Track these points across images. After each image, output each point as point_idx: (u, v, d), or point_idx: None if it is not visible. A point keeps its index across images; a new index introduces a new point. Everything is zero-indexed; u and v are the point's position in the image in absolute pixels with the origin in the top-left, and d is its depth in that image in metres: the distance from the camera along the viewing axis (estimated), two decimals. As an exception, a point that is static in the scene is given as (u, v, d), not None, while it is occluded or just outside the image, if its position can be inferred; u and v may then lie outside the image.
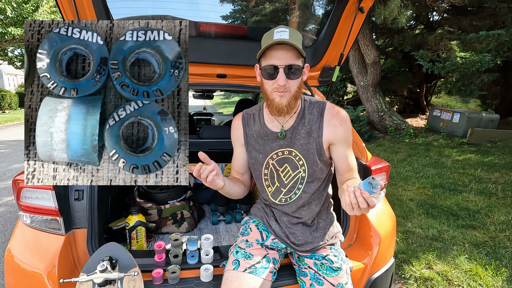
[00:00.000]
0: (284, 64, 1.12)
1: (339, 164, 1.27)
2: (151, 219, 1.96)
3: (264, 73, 1.16)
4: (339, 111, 1.26)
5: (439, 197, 3.88)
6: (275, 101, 1.18)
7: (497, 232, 2.94)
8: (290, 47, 1.11)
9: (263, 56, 1.17)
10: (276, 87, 1.15)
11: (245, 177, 1.43)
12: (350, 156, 1.27)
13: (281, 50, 1.11)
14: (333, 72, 2.07)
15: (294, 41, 1.09)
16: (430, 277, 2.25)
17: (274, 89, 1.16)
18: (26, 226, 1.41)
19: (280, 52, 1.11)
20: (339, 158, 1.26)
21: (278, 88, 1.15)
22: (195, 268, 1.41)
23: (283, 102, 1.17)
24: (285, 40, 1.07)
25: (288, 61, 1.12)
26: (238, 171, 1.42)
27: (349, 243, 1.65)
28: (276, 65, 1.12)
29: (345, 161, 1.26)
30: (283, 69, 1.12)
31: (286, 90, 1.15)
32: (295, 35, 1.12)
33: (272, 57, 1.13)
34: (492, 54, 6.06)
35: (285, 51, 1.11)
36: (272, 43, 1.09)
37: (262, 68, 1.18)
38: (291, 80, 1.14)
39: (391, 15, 5.74)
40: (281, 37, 1.09)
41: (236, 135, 1.40)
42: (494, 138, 6.79)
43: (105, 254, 1.27)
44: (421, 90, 10.66)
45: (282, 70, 1.12)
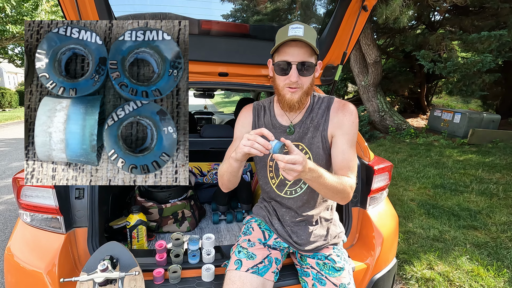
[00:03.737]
0: (297, 60, 1.12)
1: (333, 158, 1.22)
2: (152, 218, 1.96)
3: (277, 69, 1.16)
4: (346, 104, 1.25)
5: (440, 197, 3.87)
6: (286, 97, 1.18)
7: (499, 232, 2.93)
8: (304, 44, 1.11)
9: (276, 52, 1.17)
10: (288, 83, 1.15)
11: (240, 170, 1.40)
12: (348, 152, 1.20)
13: (295, 47, 1.11)
14: (336, 71, 2.06)
15: (308, 38, 1.09)
16: (431, 278, 2.25)
17: (286, 84, 1.16)
18: (26, 225, 1.40)
19: (294, 49, 1.11)
20: (335, 151, 1.21)
21: (290, 84, 1.15)
22: (196, 267, 1.40)
23: (294, 98, 1.17)
24: (299, 37, 1.07)
25: (302, 57, 1.11)
26: None
27: (352, 243, 1.65)
28: (289, 61, 1.12)
29: (340, 155, 1.19)
30: (296, 66, 1.12)
31: (298, 87, 1.15)
32: (310, 32, 1.11)
33: (285, 53, 1.13)
34: (493, 55, 6.04)
35: (299, 47, 1.11)
36: (286, 40, 1.09)
37: (275, 63, 1.17)
38: (304, 76, 1.14)
39: (393, 14, 5.74)
40: (296, 33, 1.09)
41: (243, 123, 1.37)
42: (495, 138, 6.78)
43: (105, 253, 1.27)
44: (422, 90, 10.64)
45: (295, 66, 1.12)
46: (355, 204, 1.65)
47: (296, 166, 0.90)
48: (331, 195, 1.12)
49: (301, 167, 0.91)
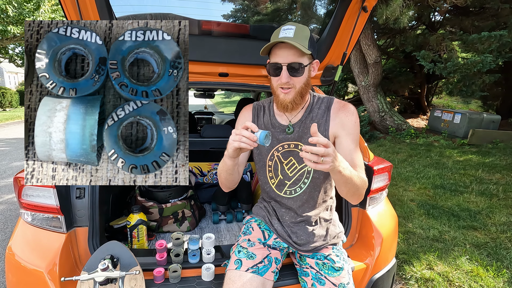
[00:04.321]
0: (286, 62, 1.13)
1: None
2: (152, 217, 1.96)
3: (270, 70, 1.19)
4: (346, 104, 1.26)
5: (440, 197, 3.87)
6: (280, 97, 1.20)
7: (498, 233, 2.93)
8: (293, 45, 1.11)
9: (270, 53, 1.19)
10: (280, 84, 1.17)
11: (240, 168, 1.40)
12: (355, 152, 1.20)
13: (284, 49, 1.13)
14: (336, 72, 2.07)
15: (298, 39, 1.10)
16: (431, 278, 2.25)
17: (279, 85, 1.18)
18: (27, 224, 1.41)
19: (284, 51, 1.13)
20: (343, 152, 1.20)
21: (282, 85, 1.17)
22: (196, 267, 1.41)
23: (287, 99, 1.19)
24: (287, 39, 1.08)
25: (291, 59, 1.12)
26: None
27: (351, 243, 1.65)
28: (279, 63, 1.14)
29: (349, 156, 1.19)
30: (286, 67, 1.13)
31: (291, 87, 1.17)
32: (301, 33, 1.12)
33: (276, 55, 1.15)
34: (493, 55, 6.04)
35: (288, 49, 1.12)
36: (274, 42, 1.12)
37: (268, 64, 1.20)
38: (295, 77, 1.16)
39: (393, 15, 5.73)
40: (285, 35, 1.11)
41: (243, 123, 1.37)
42: (495, 139, 6.78)
43: (106, 253, 1.27)
44: (422, 91, 10.63)
45: (285, 68, 1.13)
46: (354, 204, 1.65)
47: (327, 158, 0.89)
48: (353, 190, 1.10)
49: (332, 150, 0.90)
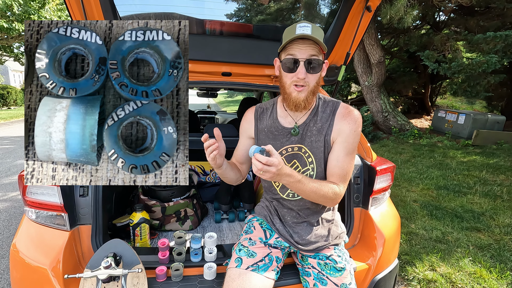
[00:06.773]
0: (305, 57, 1.12)
1: (328, 163, 1.23)
2: (155, 216, 1.97)
3: (284, 66, 1.17)
4: (351, 112, 1.23)
5: (443, 198, 3.85)
6: (292, 95, 1.18)
7: (502, 234, 2.91)
8: (311, 42, 1.11)
9: (284, 50, 1.17)
10: (295, 80, 1.15)
11: (243, 167, 1.40)
12: (343, 160, 1.19)
13: (303, 44, 1.12)
14: (339, 72, 2.06)
15: (316, 37, 1.09)
16: (433, 279, 2.23)
17: (293, 82, 1.16)
18: (32, 222, 1.42)
19: (302, 46, 1.12)
20: (331, 156, 1.22)
21: (298, 81, 1.15)
22: (198, 266, 1.41)
23: (301, 97, 1.17)
24: (307, 35, 1.08)
25: (309, 55, 1.12)
26: (238, 160, 1.41)
27: (353, 244, 1.64)
28: (297, 58, 1.12)
29: (334, 162, 1.20)
30: (303, 63, 1.12)
31: (305, 85, 1.15)
32: (317, 31, 1.12)
33: (293, 51, 1.13)
34: (499, 55, 5.97)
35: (307, 45, 1.11)
36: (294, 37, 1.10)
37: (282, 61, 1.17)
38: (311, 74, 1.14)
39: (397, 14, 5.69)
40: (303, 31, 1.09)
41: (245, 127, 1.39)
42: (499, 140, 6.72)
43: (109, 251, 1.29)
44: (426, 91, 10.56)
45: (303, 63, 1.12)
46: (357, 205, 1.64)
47: (271, 168, 0.94)
48: (312, 199, 1.17)
49: (275, 169, 0.95)
